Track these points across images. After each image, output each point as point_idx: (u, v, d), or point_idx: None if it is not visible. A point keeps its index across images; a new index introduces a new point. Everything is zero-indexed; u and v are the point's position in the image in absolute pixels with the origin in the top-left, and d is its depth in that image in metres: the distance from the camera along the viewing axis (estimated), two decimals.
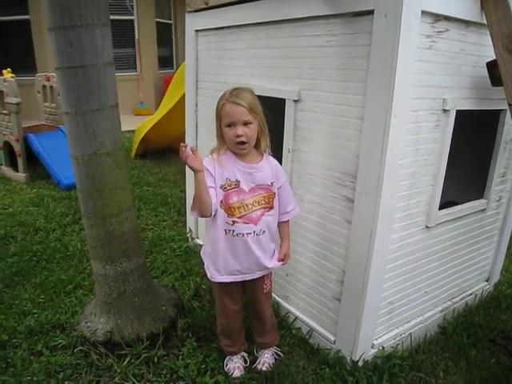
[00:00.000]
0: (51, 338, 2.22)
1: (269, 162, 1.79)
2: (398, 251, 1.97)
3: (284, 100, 2.12)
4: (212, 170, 1.70)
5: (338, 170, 1.91)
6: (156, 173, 5.46)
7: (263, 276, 1.89)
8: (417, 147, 1.84)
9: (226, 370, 2.00)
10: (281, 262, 1.88)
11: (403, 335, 2.20)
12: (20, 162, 4.95)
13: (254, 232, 1.75)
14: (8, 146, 5.08)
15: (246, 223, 1.74)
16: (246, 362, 2.05)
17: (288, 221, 1.92)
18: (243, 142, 1.67)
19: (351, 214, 1.87)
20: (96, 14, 1.75)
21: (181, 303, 2.40)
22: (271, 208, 1.79)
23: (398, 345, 2.17)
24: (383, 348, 2.10)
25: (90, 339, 2.12)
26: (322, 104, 1.93)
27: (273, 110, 1.80)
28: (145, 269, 2.25)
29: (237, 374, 1.98)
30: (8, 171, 5.17)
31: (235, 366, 2.00)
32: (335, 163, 1.92)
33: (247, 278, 1.84)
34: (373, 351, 2.07)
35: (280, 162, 2.14)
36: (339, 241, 1.97)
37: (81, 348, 2.12)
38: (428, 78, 1.76)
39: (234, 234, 1.74)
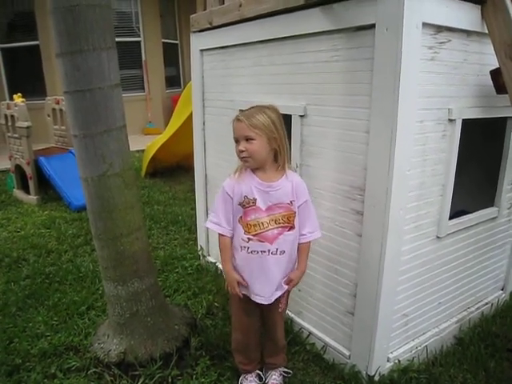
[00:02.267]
0: (65, 360, 2.22)
1: (290, 179, 1.76)
2: (410, 263, 1.95)
3: (291, 116, 2.13)
4: (231, 192, 1.75)
5: (347, 183, 1.91)
6: (166, 191, 5.49)
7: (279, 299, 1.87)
8: (424, 158, 1.83)
9: None
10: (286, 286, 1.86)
11: (419, 348, 2.17)
12: (31, 184, 5.02)
13: (269, 251, 1.75)
14: (19, 170, 5.16)
15: (260, 241, 1.74)
16: (260, 379, 2.03)
17: (307, 244, 1.85)
18: (244, 157, 1.70)
19: (361, 227, 1.87)
20: (102, 38, 1.78)
21: (193, 322, 2.39)
22: (292, 228, 1.76)
23: (414, 358, 2.14)
24: (399, 361, 2.07)
25: (103, 361, 2.11)
26: (328, 118, 1.94)
27: None
28: (157, 288, 2.25)
29: None
30: (20, 194, 5.24)
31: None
32: (343, 177, 1.92)
33: (263, 302, 1.81)
34: (389, 365, 2.04)
35: None
36: (350, 254, 1.96)
37: (94, 370, 2.12)
38: (432, 89, 1.76)
39: (249, 251, 1.76)
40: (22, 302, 2.84)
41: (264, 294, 1.80)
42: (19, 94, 5.06)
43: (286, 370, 2.06)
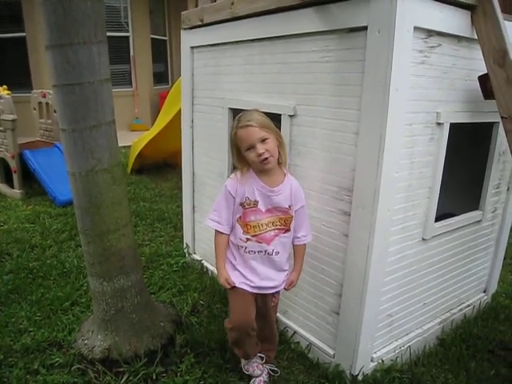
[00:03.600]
0: (48, 356, 2.19)
1: (290, 184, 1.82)
2: (396, 264, 1.98)
3: (280, 115, 2.14)
4: (234, 192, 1.78)
5: (335, 184, 1.92)
6: (152, 188, 5.46)
7: (272, 293, 1.92)
8: (412, 160, 1.85)
9: (246, 372, 2.02)
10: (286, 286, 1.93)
11: (402, 348, 2.19)
12: (15, 178, 4.94)
13: (266, 251, 1.81)
14: (3, 163, 5.08)
15: (258, 242, 1.80)
16: (262, 358, 2.04)
17: (302, 247, 1.94)
18: (266, 158, 1.71)
19: (348, 228, 1.88)
20: (93, 32, 1.76)
21: (179, 319, 2.38)
22: (287, 230, 1.83)
23: (397, 358, 2.16)
24: (383, 361, 2.09)
25: (87, 357, 2.10)
26: (318, 119, 1.95)
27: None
28: (142, 285, 2.24)
29: (258, 372, 1.99)
30: (3, 188, 5.15)
31: (254, 366, 2.01)
32: (331, 177, 1.94)
33: (261, 292, 1.86)
34: (372, 365, 2.07)
35: None
36: (336, 254, 1.97)
37: (78, 366, 2.09)
38: (422, 92, 1.78)
39: (246, 250, 1.81)
40: (4, 297, 2.80)
41: (258, 282, 1.84)
42: (4, 86, 4.97)
43: (273, 368, 2.07)
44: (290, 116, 2.08)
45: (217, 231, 1.85)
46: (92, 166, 1.88)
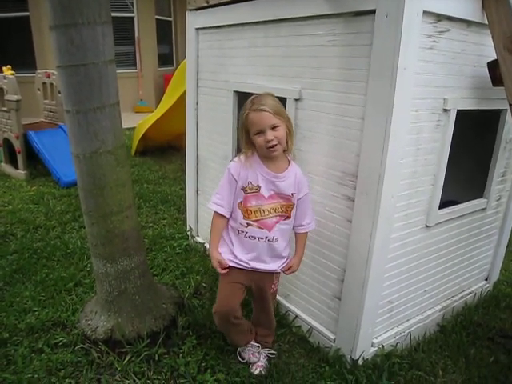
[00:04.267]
0: (52, 335, 2.23)
1: (294, 171, 1.80)
2: (398, 250, 1.98)
3: (285, 99, 2.12)
4: (237, 175, 1.76)
5: (339, 169, 1.91)
6: (156, 170, 5.46)
7: (272, 276, 1.92)
8: (417, 147, 1.84)
9: (241, 360, 2.04)
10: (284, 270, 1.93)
11: (403, 334, 2.21)
12: (20, 159, 4.95)
13: (267, 238, 1.80)
14: (8, 143, 5.08)
15: (260, 228, 1.79)
16: (259, 346, 2.06)
17: (305, 234, 1.94)
18: (274, 145, 1.69)
19: (352, 213, 1.88)
20: (97, 12, 1.74)
21: (181, 301, 2.40)
22: (288, 217, 1.82)
23: (397, 343, 2.18)
24: (383, 346, 2.11)
25: (90, 337, 2.12)
26: (323, 103, 1.93)
27: None
28: (146, 267, 2.26)
29: (253, 359, 2.02)
30: (8, 168, 5.17)
31: (249, 354, 2.03)
32: (336, 162, 1.93)
33: (256, 266, 1.85)
34: (372, 350, 2.08)
35: None
36: (340, 240, 1.98)
37: (81, 346, 2.13)
38: (429, 78, 1.76)
39: (246, 235, 1.80)
40: (9, 277, 2.83)
41: (254, 264, 1.85)
42: (8, 67, 4.95)
43: (271, 351, 2.09)
44: (296, 100, 2.06)
45: (217, 213, 1.83)
46: (96, 148, 1.87)
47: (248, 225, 1.79)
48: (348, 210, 1.90)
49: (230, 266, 1.85)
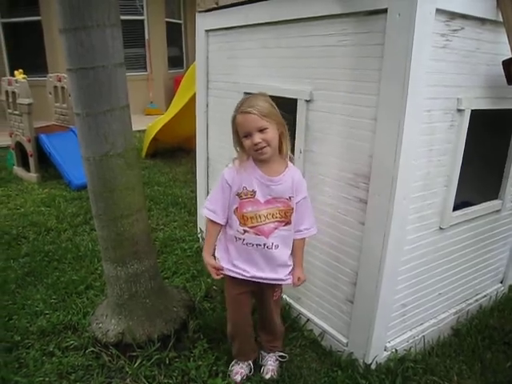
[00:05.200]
0: (63, 338, 2.23)
1: (292, 174, 1.74)
2: (412, 253, 1.94)
3: (296, 100, 2.10)
4: (230, 181, 1.71)
5: (351, 170, 1.89)
6: (166, 173, 5.46)
7: (274, 284, 1.87)
8: (431, 148, 1.81)
9: (228, 370, 2.00)
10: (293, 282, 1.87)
11: (416, 338, 2.17)
12: (31, 162, 4.99)
13: (265, 245, 1.74)
14: (20, 147, 5.13)
15: (256, 234, 1.73)
16: (250, 370, 2.02)
17: (302, 241, 1.86)
18: (262, 147, 1.63)
19: (364, 216, 1.85)
20: (107, 15, 1.74)
21: (192, 304, 2.39)
22: (287, 223, 1.76)
23: (411, 347, 2.14)
24: (396, 351, 2.07)
25: (101, 340, 2.12)
26: (335, 104, 1.91)
27: (285, 110, 1.79)
28: (156, 270, 2.25)
29: (237, 378, 1.96)
30: (20, 171, 5.21)
31: (239, 370, 1.99)
32: (348, 164, 1.90)
33: (256, 275, 1.79)
34: (386, 354, 2.05)
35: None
36: (352, 242, 1.95)
37: (92, 349, 2.12)
38: (442, 78, 1.73)
39: (244, 242, 1.74)
40: (21, 280, 2.84)
41: (259, 274, 1.79)
42: (20, 70, 5.00)
43: (282, 354, 2.07)
44: (307, 101, 2.04)
45: (210, 220, 1.77)
46: (106, 151, 1.87)
47: (245, 232, 1.72)
48: (360, 212, 1.88)
49: (230, 277, 1.81)
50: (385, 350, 2.05)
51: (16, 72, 5.00)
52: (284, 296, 2.41)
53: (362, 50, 1.75)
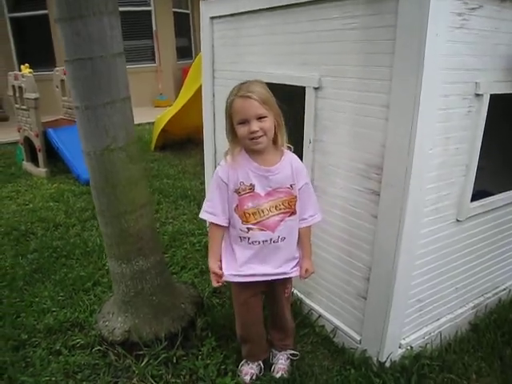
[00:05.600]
0: (69, 337, 2.20)
1: (289, 161, 1.65)
2: (427, 246, 1.85)
3: (304, 88, 2.01)
4: (226, 178, 1.61)
5: (363, 161, 1.80)
6: (176, 165, 5.41)
7: (285, 280, 1.79)
8: (447, 135, 1.70)
9: (238, 370, 1.93)
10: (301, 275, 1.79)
11: (432, 334, 2.08)
12: (40, 157, 4.97)
13: (271, 239, 1.66)
14: (28, 142, 5.11)
15: (261, 230, 1.64)
16: (260, 371, 1.96)
17: (308, 229, 1.78)
18: (259, 136, 1.53)
19: (377, 208, 1.76)
20: (104, 3, 1.66)
21: (200, 301, 2.33)
22: (293, 213, 1.67)
23: (426, 344, 2.06)
24: (411, 348, 1.99)
25: (107, 339, 2.07)
26: (345, 91, 1.81)
27: (293, 98, 1.70)
28: (163, 266, 2.19)
29: (247, 378, 1.90)
30: (29, 166, 5.20)
31: (249, 371, 1.92)
32: (359, 154, 1.81)
33: (266, 272, 1.72)
34: (400, 351, 1.97)
35: (301, 153, 2.07)
36: (364, 236, 1.86)
37: (99, 348, 2.08)
38: (459, 60, 1.62)
39: (250, 241, 1.65)
40: (29, 277, 2.83)
41: (265, 271, 1.71)
42: (26, 65, 4.96)
43: (293, 352, 2.00)
44: (315, 88, 1.95)
45: (212, 224, 1.68)
46: (107, 145, 1.81)
47: (249, 229, 1.63)
48: (373, 204, 1.79)
49: (238, 283, 1.74)
50: (399, 347, 1.97)
51: (22, 66, 4.96)
52: (295, 291, 2.34)
53: (373, 32, 1.65)
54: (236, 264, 1.71)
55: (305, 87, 1.99)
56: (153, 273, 2.09)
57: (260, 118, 1.52)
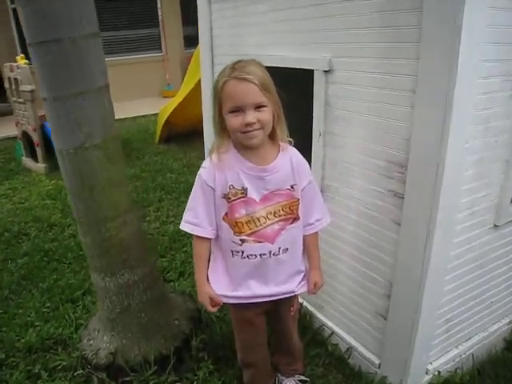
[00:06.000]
0: (51, 357, 1.96)
1: (289, 157, 1.37)
2: (460, 258, 1.56)
3: (312, 71, 1.71)
4: (211, 181, 1.33)
5: (383, 157, 1.50)
6: (180, 158, 5.14)
7: (289, 299, 1.52)
8: (486, 125, 1.40)
9: None
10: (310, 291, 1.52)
11: (463, 356, 1.80)
12: (39, 152, 4.74)
13: (271, 252, 1.38)
14: (26, 136, 4.89)
15: (258, 242, 1.36)
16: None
17: (316, 235, 1.50)
18: (255, 130, 1.25)
19: (400, 214, 1.47)
20: None
21: (197, 315, 2.06)
22: (295, 219, 1.39)
23: (456, 368, 1.78)
24: (439, 373, 1.72)
25: (91, 361, 1.83)
26: (361, 74, 1.51)
27: (300, 84, 1.42)
28: (154, 278, 1.93)
29: None
30: (28, 162, 4.98)
31: None
32: (379, 149, 1.52)
33: (266, 293, 1.46)
34: (427, 378, 1.70)
35: (309, 148, 1.79)
36: (385, 246, 1.58)
37: (81, 371, 1.84)
38: (503, 33, 1.31)
39: (244, 255, 1.37)
40: (16, 284, 2.62)
41: (267, 292, 1.44)
42: (22, 55, 4.72)
43: (302, 378, 1.74)
44: (326, 72, 1.65)
45: (196, 237, 1.40)
46: (80, 142, 1.54)
47: (243, 242, 1.35)
48: (395, 209, 1.50)
49: (235, 304, 1.48)
50: (426, 373, 1.69)
51: (18, 57, 4.72)
52: (304, 303, 2.07)
53: (395, 2, 1.35)
54: (229, 283, 1.45)
55: (313, 70, 1.70)
56: (141, 287, 1.83)
57: (258, 107, 1.24)
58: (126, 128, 6.62)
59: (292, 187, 1.36)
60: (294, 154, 1.39)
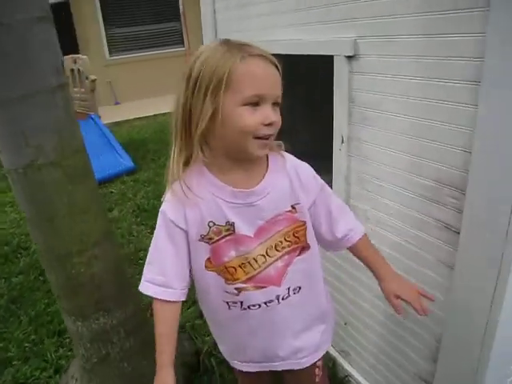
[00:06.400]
0: None
1: (282, 167, 0.98)
2: None
3: (332, 57, 1.31)
4: (181, 220, 0.94)
5: (430, 174, 1.09)
6: None
7: (311, 368, 1.12)
8: None
9: None
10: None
11: None
12: None
13: (278, 297, 1.00)
14: None
15: (260, 288, 0.98)
16: None
17: (361, 241, 1.08)
18: (270, 136, 0.89)
19: (454, 254, 1.06)
20: None
21: (195, 361, 1.71)
22: (304, 248, 1.01)
23: None
24: None
25: None
26: (398, 60, 1.10)
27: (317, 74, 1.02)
28: (138, 320, 1.57)
29: None
30: None
31: None
32: (424, 163, 1.10)
33: (278, 368, 1.10)
34: None
35: (329, 158, 1.40)
36: (430, 293, 1.16)
37: None
38: None
39: (244, 306, 0.99)
40: (4, 309, 2.42)
41: (281, 351, 1.07)
42: None
43: None
44: (348, 58, 1.25)
45: (159, 301, 0.97)
46: (30, 159, 1.20)
47: (240, 290, 0.98)
48: (446, 246, 1.08)
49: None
50: None
51: None
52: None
53: None
54: (223, 345, 1.12)
55: (332, 56, 1.29)
56: (122, 332, 1.48)
57: (275, 103, 0.89)
58: (145, 128, 6.35)
59: (293, 208, 0.97)
60: (288, 161, 1.00)
